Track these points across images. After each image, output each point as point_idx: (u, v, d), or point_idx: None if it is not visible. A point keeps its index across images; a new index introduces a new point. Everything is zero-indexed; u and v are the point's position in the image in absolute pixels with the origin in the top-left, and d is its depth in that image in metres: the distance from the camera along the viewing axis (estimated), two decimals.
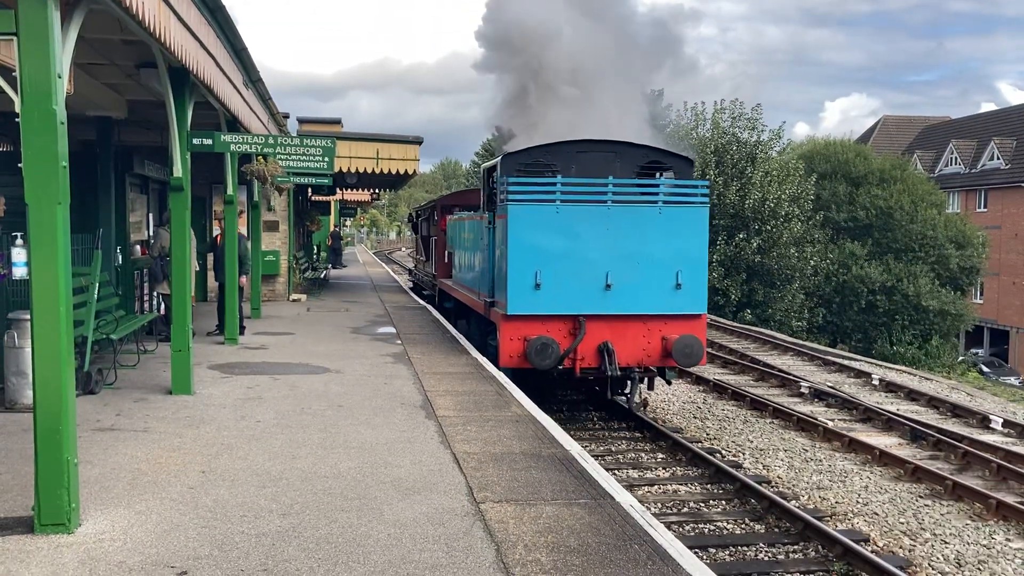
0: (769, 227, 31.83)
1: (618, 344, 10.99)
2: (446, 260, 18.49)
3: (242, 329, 13.55)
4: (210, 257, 16.20)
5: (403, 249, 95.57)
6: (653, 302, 11.15)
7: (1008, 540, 8.39)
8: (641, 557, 4.83)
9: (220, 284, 13.56)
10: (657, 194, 11.34)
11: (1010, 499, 9.29)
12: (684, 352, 10.96)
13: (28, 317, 5.42)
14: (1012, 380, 35.37)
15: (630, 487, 9.02)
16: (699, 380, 16.14)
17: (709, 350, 18.48)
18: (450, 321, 16.94)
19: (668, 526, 7.59)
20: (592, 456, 7.94)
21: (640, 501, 6.92)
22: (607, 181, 11.15)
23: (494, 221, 11.91)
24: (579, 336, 10.85)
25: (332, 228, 43.83)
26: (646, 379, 11.89)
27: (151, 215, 16.85)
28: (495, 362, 11.35)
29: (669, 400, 14.57)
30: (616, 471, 9.84)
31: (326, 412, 8.41)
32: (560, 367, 10.97)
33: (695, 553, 5.35)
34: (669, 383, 12.43)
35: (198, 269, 13.35)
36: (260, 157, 12.68)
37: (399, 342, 13.68)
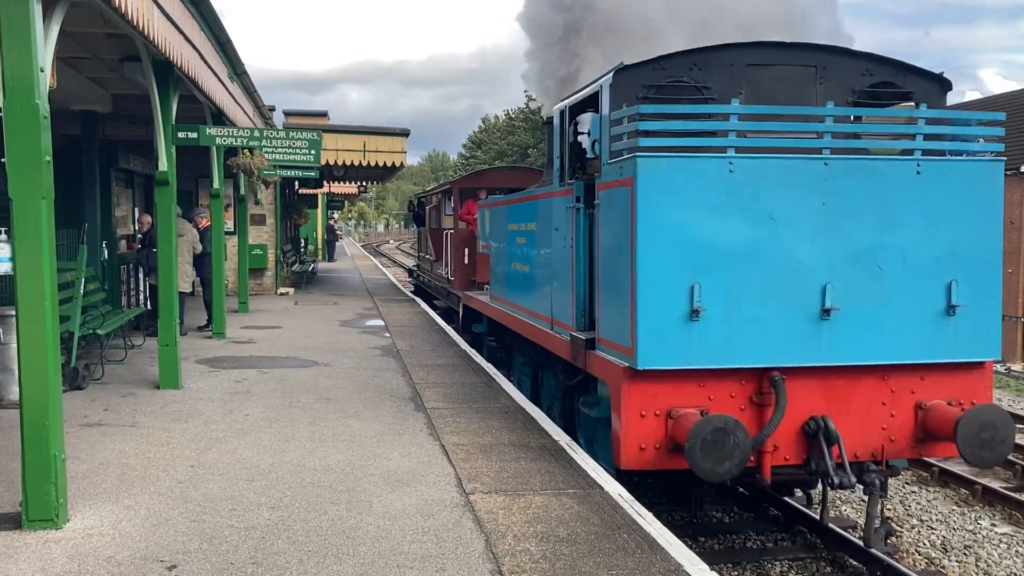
0: None
1: (841, 419, 6.30)
2: (468, 263, 14.48)
3: (207, 326, 13.50)
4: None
5: (391, 242, 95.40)
6: (905, 341, 6.36)
7: (993, 525, 8.47)
8: (630, 546, 4.86)
9: (205, 279, 13.51)
10: (912, 140, 6.47)
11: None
12: (980, 438, 6.09)
13: (13, 313, 5.39)
14: None
15: None
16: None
17: None
18: (487, 353, 12.49)
19: None
20: None
21: None
22: (822, 111, 6.40)
23: (589, 197, 7.26)
24: (778, 409, 6.10)
25: (329, 222, 44.42)
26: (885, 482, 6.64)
27: (136, 209, 16.77)
28: (599, 453, 7.00)
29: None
30: None
31: (315, 405, 8.40)
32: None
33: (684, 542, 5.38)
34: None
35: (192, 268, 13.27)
36: (246, 150, 12.63)
37: (388, 335, 13.68)
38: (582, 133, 7.32)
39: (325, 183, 30.25)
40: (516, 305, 10.07)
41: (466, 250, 14.70)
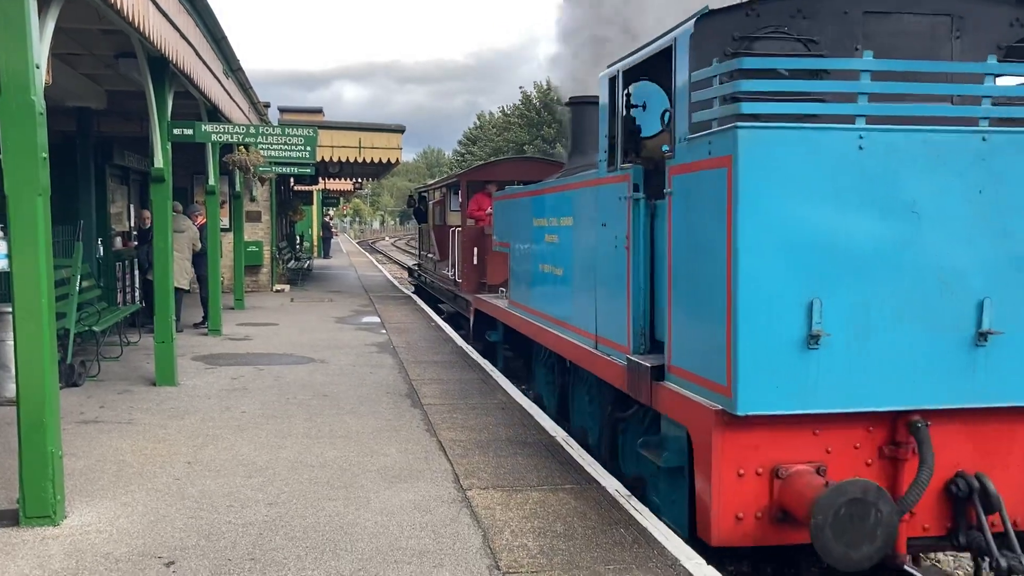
0: None
1: (999, 477, 4.92)
2: (478, 263, 13.79)
3: (203, 323, 13.48)
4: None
5: (387, 239, 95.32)
6: None
7: None
8: (627, 540, 4.87)
9: (201, 276, 13.51)
10: None
11: None
12: None
13: (10, 310, 5.39)
14: None
15: None
16: None
17: None
18: (502, 365, 11.23)
19: None
20: None
21: None
22: (979, 68, 4.96)
23: (652, 185, 5.94)
24: (924, 465, 4.73)
25: (324, 219, 44.66)
26: None
27: (132, 206, 16.75)
28: (664, 509, 5.72)
29: None
30: None
31: (311, 402, 8.40)
32: None
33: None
34: None
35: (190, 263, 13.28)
36: (242, 147, 12.61)
37: (384, 331, 13.68)
38: (636, 106, 6.16)
39: (320, 180, 30.24)
40: (544, 315, 8.56)
41: (475, 249, 13.86)
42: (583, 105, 8.97)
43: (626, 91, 6.34)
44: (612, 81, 6.44)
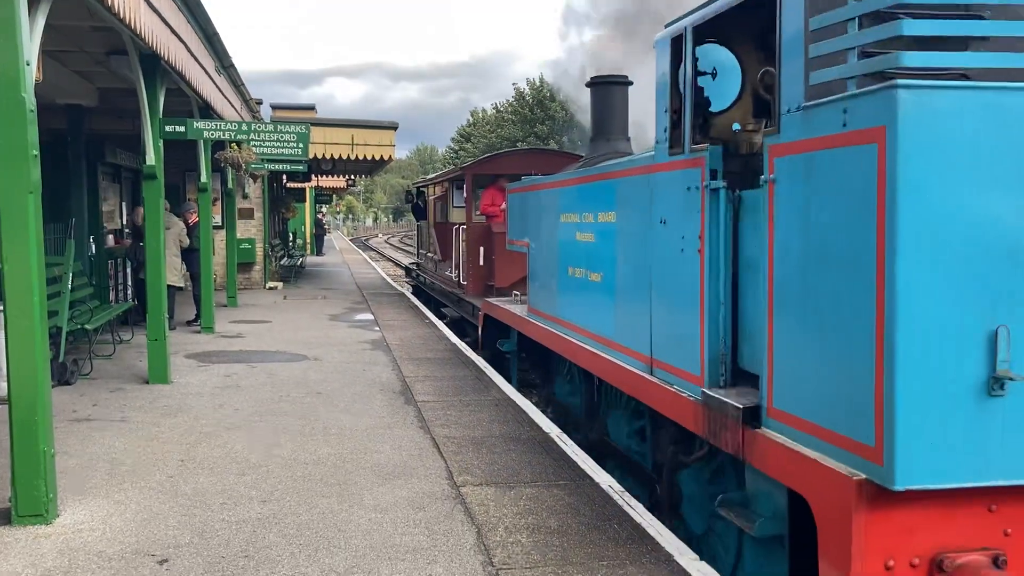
0: None
1: None
2: (484, 264, 13.31)
3: (196, 321, 13.44)
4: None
5: (380, 236, 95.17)
6: None
7: None
8: (621, 536, 4.88)
9: (194, 274, 13.49)
10: None
11: None
12: None
13: (1, 308, 5.37)
14: None
15: None
16: None
17: None
18: (517, 379, 10.12)
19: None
20: None
21: None
22: None
23: (734, 172, 4.90)
24: None
25: (317, 216, 44.74)
26: None
27: (124, 204, 16.69)
28: None
29: None
30: None
31: (305, 399, 8.39)
32: None
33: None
34: None
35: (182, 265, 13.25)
36: (234, 144, 12.59)
37: (377, 329, 13.66)
38: (706, 73, 5.11)
39: (313, 177, 30.18)
40: (574, 326, 7.35)
41: (482, 248, 13.18)
42: (608, 85, 8.32)
43: (694, 54, 5.07)
44: (676, 42, 5.17)
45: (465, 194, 14.30)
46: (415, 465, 6.21)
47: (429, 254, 18.12)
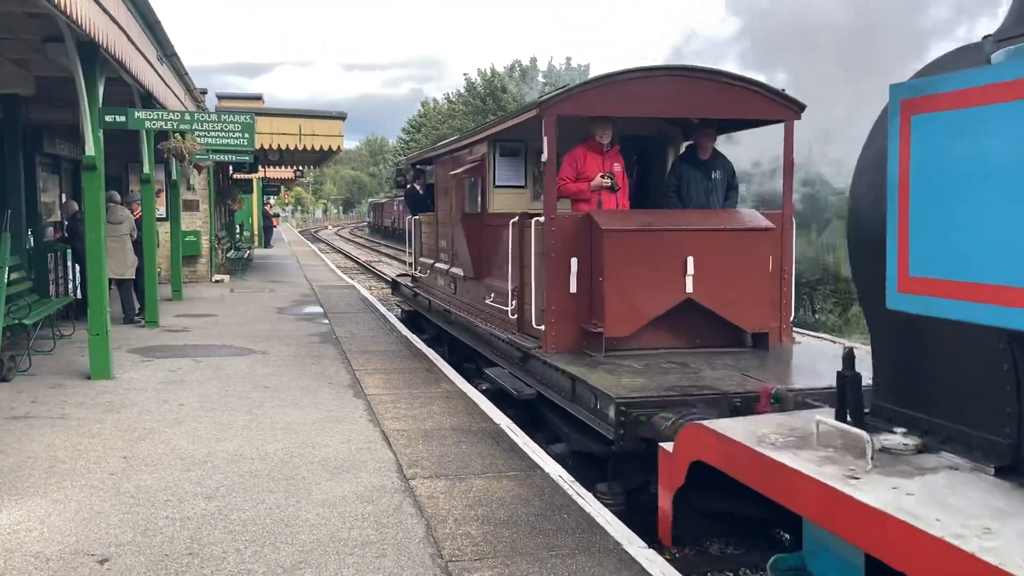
0: None
1: None
2: (578, 291, 7.37)
3: (139, 312, 13.18)
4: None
5: (329, 228, 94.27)
6: None
7: None
8: (570, 526, 4.89)
9: (138, 267, 13.23)
10: None
11: None
12: None
13: None
14: None
15: None
16: None
17: None
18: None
19: None
20: None
21: None
22: None
23: None
24: None
25: (264, 207, 44.17)
26: None
27: (64, 195, 16.30)
28: None
29: None
30: None
31: (251, 394, 8.27)
32: None
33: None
34: None
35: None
36: (177, 134, 12.34)
37: (326, 321, 13.53)
38: None
39: (260, 168, 29.78)
40: None
41: (574, 262, 7.35)
42: None
43: None
44: None
45: (546, 156, 7.50)
46: (364, 459, 6.16)
47: (441, 266, 11.50)
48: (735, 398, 5.77)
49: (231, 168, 26.53)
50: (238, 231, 33.18)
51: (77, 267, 13.57)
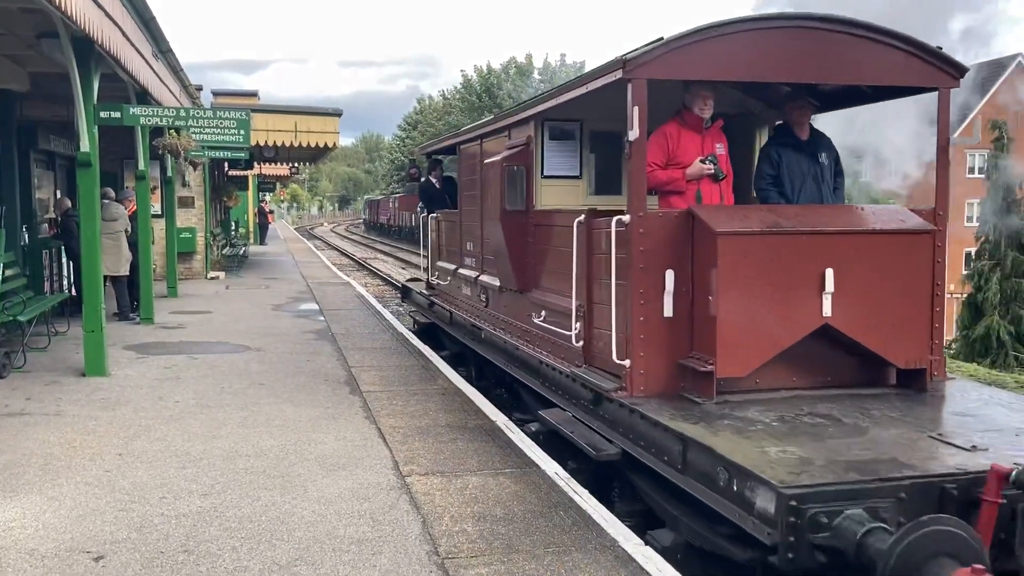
0: None
1: None
2: (673, 313, 5.58)
3: (134, 309, 13.16)
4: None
5: (325, 224, 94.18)
6: None
7: None
8: (566, 523, 4.88)
9: (132, 264, 13.21)
10: None
11: None
12: None
13: None
14: None
15: None
16: None
17: None
18: None
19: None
20: None
21: None
22: None
23: None
24: None
25: (260, 204, 44.17)
26: None
27: (59, 192, 16.26)
28: None
29: None
30: None
31: (247, 391, 8.26)
32: None
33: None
34: None
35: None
36: (173, 131, 12.31)
37: (322, 318, 13.52)
38: None
39: (256, 164, 29.73)
40: None
41: (670, 276, 5.59)
42: None
43: None
44: None
45: (635, 133, 5.60)
46: (360, 456, 6.15)
47: (467, 273, 9.81)
48: (948, 483, 4.06)
49: (226, 165, 26.47)
50: (233, 228, 33.11)
51: (71, 264, 13.55)
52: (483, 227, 8.90)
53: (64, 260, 13.84)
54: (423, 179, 12.30)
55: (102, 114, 9.41)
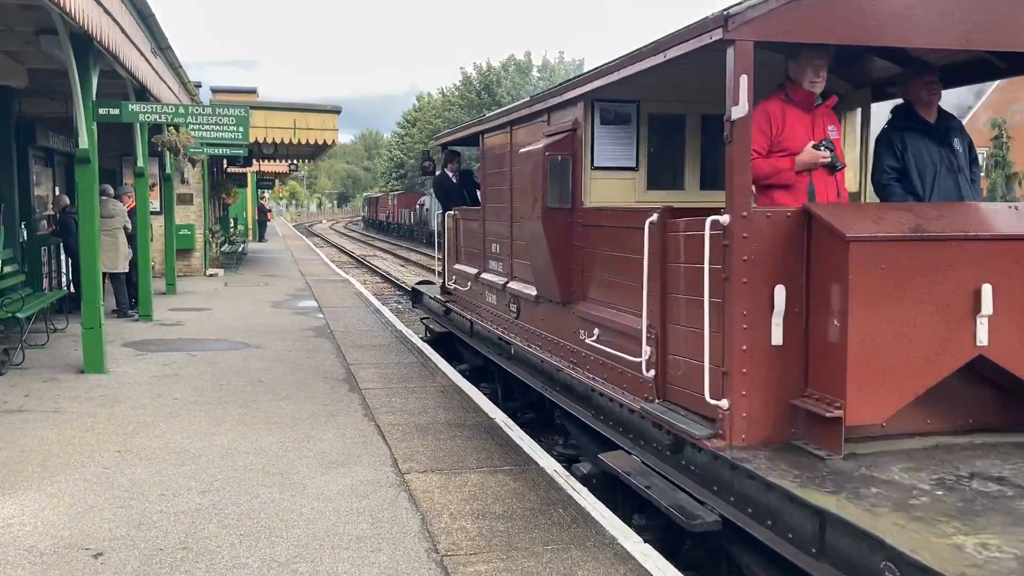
0: None
1: None
2: (795, 343, 4.37)
3: (132, 306, 13.16)
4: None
5: (324, 222, 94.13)
6: None
7: None
8: (565, 520, 4.88)
9: (131, 260, 13.21)
10: None
11: None
12: None
13: None
14: None
15: None
16: None
17: None
18: None
19: None
20: None
21: None
22: None
23: None
24: None
25: (260, 201, 44.17)
26: None
27: (57, 188, 16.24)
28: None
29: None
30: None
31: (246, 388, 8.25)
32: None
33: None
34: None
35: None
36: (171, 128, 12.31)
37: (321, 315, 13.51)
38: None
39: (255, 161, 29.71)
40: None
41: (780, 293, 4.36)
42: None
43: None
44: None
45: (742, 110, 4.23)
46: (359, 453, 6.15)
47: (492, 278, 8.70)
48: None
49: (225, 162, 26.44)
50: (232, 225, 33.10)
51: (70, 261, 13.54)
52: (513, 227, 7.88)
53: (63, 257, 13.82)
54: (438, 172, 11.36)
55: (101, 111, 9.40)
